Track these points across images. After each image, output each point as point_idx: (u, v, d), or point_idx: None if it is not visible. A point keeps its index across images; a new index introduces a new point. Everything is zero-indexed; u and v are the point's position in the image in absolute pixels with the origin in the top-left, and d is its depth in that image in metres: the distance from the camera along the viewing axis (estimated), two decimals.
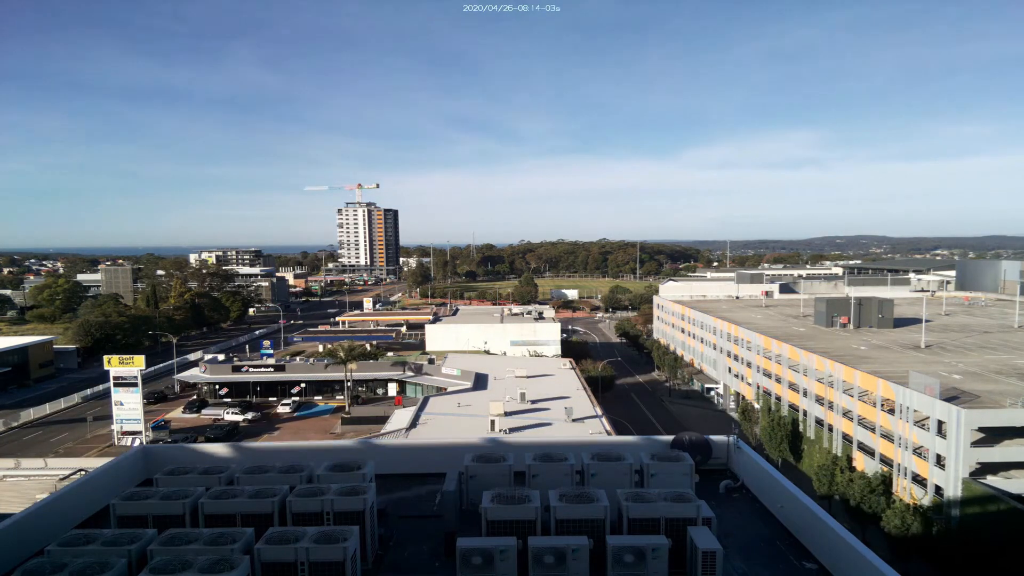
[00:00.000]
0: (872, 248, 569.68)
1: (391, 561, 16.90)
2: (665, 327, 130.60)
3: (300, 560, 13.86)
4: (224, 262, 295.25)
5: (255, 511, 16.49)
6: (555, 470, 18.89)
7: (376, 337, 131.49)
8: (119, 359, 74.34)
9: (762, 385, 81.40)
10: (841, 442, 62.80)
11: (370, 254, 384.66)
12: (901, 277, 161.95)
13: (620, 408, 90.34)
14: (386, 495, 20.80)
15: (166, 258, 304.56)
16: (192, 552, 13.84)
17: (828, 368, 65.71)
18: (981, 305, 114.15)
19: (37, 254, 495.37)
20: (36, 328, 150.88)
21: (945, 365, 64.44)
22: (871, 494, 50.45)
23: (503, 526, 15.46)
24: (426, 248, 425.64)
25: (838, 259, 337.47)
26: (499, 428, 58.21)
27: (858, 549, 14.72)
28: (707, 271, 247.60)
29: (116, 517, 16.61)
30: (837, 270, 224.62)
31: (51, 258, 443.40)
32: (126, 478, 21.66)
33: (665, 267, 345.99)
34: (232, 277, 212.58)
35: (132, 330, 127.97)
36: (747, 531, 18.46)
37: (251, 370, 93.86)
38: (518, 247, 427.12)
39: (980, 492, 45.98)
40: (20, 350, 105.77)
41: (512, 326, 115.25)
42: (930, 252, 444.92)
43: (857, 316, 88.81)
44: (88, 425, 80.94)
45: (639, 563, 14.24)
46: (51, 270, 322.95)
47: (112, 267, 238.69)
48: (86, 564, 13.13)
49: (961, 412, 47.52)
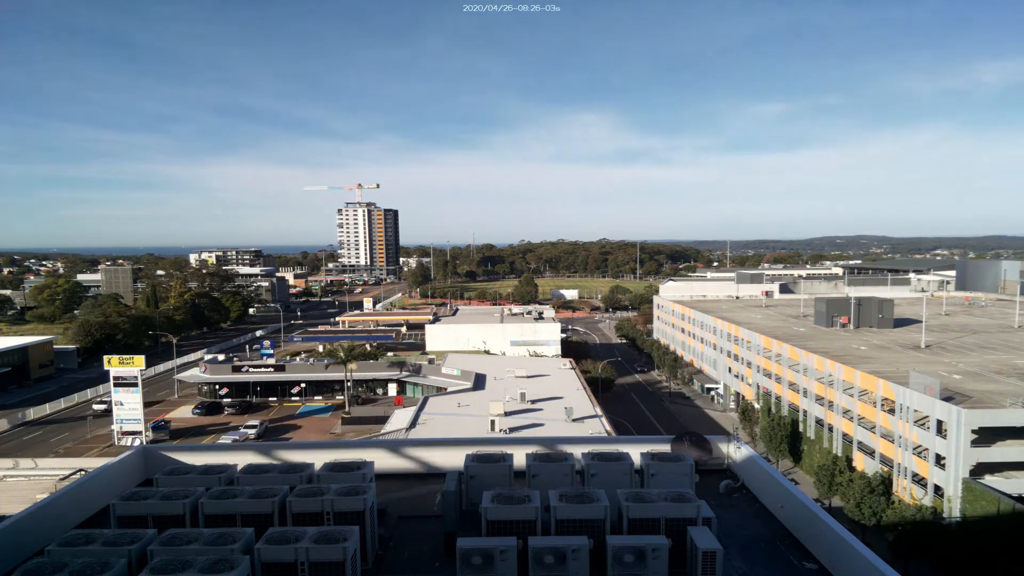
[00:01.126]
0: (872, 248, 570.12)
1: (391, 561, 16.89)
2: (665, 327, 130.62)
3: (300, 560, 13.85)
4: (224, 262, 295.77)
5: (255, 511, 16.48)
6: (555, 470, 18.88)
7: (376, 337, 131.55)
8: (119, 359, 74.34)
9: (762, 385, 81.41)
10: (841, 442, 62.81)
11: (370, 254, 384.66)
12: (901, 277, 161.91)
13: (620, 408, 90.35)
14: (386, 495, 20.80)
15: (166, 258, 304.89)
16: (192, 552, 13.84)
17: (828, 368, 65.72)
18: (981, 305, 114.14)
19: (37, 254, 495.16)
20: (36, 328, 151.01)
21: (945, 365, 64.44)
22: (871, 494, 50.50)
23: (503, 526, 15.45)
24: (426, 248, 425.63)
25: (838, 259, 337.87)
26: (499, 428, 58.23)
27: (858, 549, 14.72)
28: (707, 271, 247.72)
29: (116, 517, 16.61)
30: (837, 270, 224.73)
31: (51, 258, 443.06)
32: (126, 478, 21.66)
33: (665, 267, 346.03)
34: (232, 277, 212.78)
35: (132, 330, 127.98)
36: (747, 531, 18.46)
37: (251, 370, 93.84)
38: (518, 247, 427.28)
39: (980, 492, 46.00)
40: (20, 350, 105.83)
41: (512, 326, 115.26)
42: (930, 252, 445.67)
43: (857, 316, 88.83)
44: (88, 425, 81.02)
45: (639, 563, 14.23)
46: (51, 270, 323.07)
47: (112, 267, 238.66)
48: (86, 564, 13.12)
49: (961, 412, 47.54)
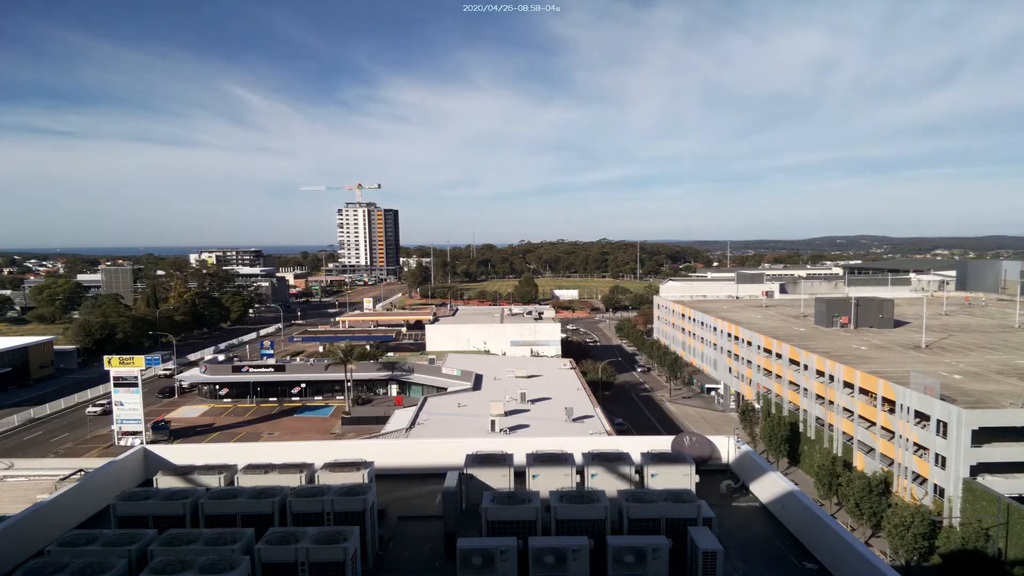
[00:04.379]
0: (872, 248, 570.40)
1: (391, 561, 16.88)
2: (665, 327, 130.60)
3: (300, 560, 13.84)
4: (224, 262, 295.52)
5: (255, 511, 16.47)
6: (555, 470, 18.87)
7: (376, 337, 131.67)
8: (119, 359, 74.34)
9: (762, 385, 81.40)
10: (841, 442, 62.80)
11: (370, 254, 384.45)
12: (901, 277, 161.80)
13: (620, 408, 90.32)
14: (386, 495, 20.81)
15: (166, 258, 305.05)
16: (192, 552, 13.83)
17: (828, 368, 65.71)
18: (981, 305, 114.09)
19: (37, 254, 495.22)
20: (36, 328, 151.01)
21: (945, 365, 64.40)
22: (870, 494, 50.50)
23: (503, 526, 15.45)
24: (426, 248, 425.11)
25: (838, 259, 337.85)
26: (499, 428, 58.24)
27: (858, 549, 14.72)
28: (707, 271, 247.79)
29: (116, 517, 16.60)
30: (837, 270, 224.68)
31: (51, 258, 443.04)
32: (126, 478, 21.66)
33: (665, 267, 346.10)
34: (232, 277, 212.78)
35: (132, 330, 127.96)
36: (747, 531, 18.45)
37: (251, 370, 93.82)
38: (518, 247, 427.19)
39: (980, 492, 45.99)
40: (20, 350, 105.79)
41: (512, 326, 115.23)
42: (930, 252, 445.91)
43: (857, 316, 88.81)
44: (88, 425, 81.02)
45: (639, 563, 14.22)
46: (51, 270, 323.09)
47: (112, 267, 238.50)
48: (86, 564, 13.11)
49: (961, 412, 47.53)
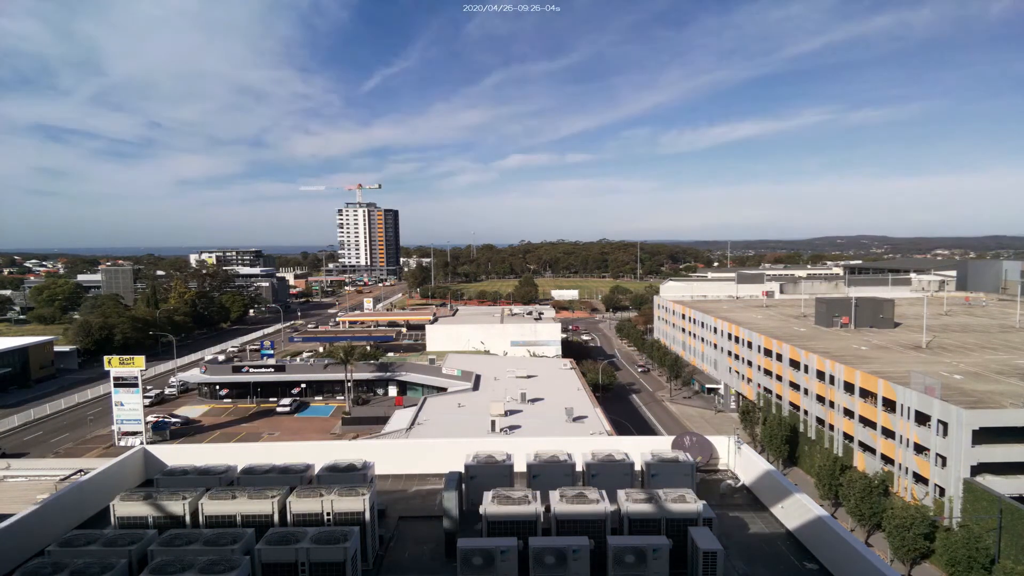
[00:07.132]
0: (873, 248, 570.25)
1: (391, 561, 16.86)
2: (666, 327, 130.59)
3: (300, 561, 13.83)
4: (224, 262, 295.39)
5: (255, 511, 16.44)
6: (555, 470, 18.86)
7: (376, 337, 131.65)
8: (119, 360, 74.34)
9: (763, 385, 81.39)
10: (842, 442, 62.78)
11: (370, 254, 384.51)
12: (901, 277, 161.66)
13: (620, 408, 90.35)
14: (386, 495, 20.81)
15: (166, 258, 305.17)
16: (192, 553, 13.81)
17: (829, 368, 65.70)
18: (982, 305, 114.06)
19: (37, 254, 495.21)
20: (36, 329, 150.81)
21: (946, 365, 64.37)
22: (870, 494, 50.48)
23: (504, 526, 15.42)
24: (426, 248, 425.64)
25: (838, 259, 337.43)
26: (499, 428, 58.22)
27: (858, 549, 14.70)
28: (707, 271, 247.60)
29: (116, 518, 16.57)
30: (837, 270, 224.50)
31: (51, 258, 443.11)
32: (126, 478, 21.65)
33: (665, 267, 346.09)
34: (232, 278, 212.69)
35: (132, 331, 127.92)
36: (748, 531, 18.45)
37: (251, 370, 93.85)
38: (518, 248, 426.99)
39: (980, 492, 45.99)
40: (20, 351, 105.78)
41: (512, 326, 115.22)
42: (930, 252, 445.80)
43: (857, 316, 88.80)
44: (88, 425, 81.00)
45: (640, 564, 14.20)
46: (51, 270, 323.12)
47: (112, 267, 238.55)
48: (86, 565, 13.10)
49: (962, 412, 47.53)
